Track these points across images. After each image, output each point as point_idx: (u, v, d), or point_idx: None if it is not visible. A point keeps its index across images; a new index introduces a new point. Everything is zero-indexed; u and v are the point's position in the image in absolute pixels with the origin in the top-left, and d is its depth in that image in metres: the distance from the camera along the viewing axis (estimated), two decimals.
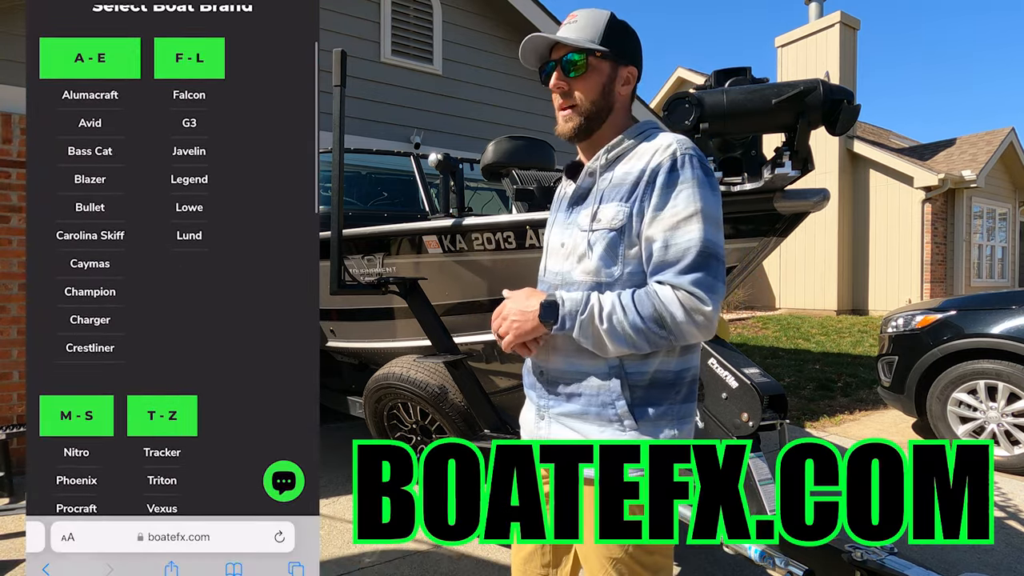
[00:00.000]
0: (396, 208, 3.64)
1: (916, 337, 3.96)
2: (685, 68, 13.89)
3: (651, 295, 1.02)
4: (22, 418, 3.48)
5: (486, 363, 2.63)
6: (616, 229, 1.08)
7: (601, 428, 1.09)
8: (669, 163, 1.05)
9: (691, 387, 1.14)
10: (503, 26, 5.98)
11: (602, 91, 1.13)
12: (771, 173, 1.49)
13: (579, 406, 1.11)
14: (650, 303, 1.01)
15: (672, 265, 1.02)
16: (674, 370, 1.10)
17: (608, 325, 1.02)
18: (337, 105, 1.96)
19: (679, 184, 1.03)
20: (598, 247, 1.09)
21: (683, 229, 1.02)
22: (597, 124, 1.15)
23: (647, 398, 1.09)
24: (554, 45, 1.15)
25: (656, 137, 1.12)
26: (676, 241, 1.02)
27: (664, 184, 1.04)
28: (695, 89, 1.48)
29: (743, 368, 2.12)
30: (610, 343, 1.04)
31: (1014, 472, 3.53)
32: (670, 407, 1.10)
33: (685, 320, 1.00)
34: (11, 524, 2.78)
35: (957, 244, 11.04)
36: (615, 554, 1.07)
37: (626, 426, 1.07)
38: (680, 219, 1.02)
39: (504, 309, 1.11)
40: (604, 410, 1.09)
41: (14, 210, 3.55)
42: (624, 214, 1.07)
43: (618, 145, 1.14)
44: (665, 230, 1.03)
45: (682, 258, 1.01)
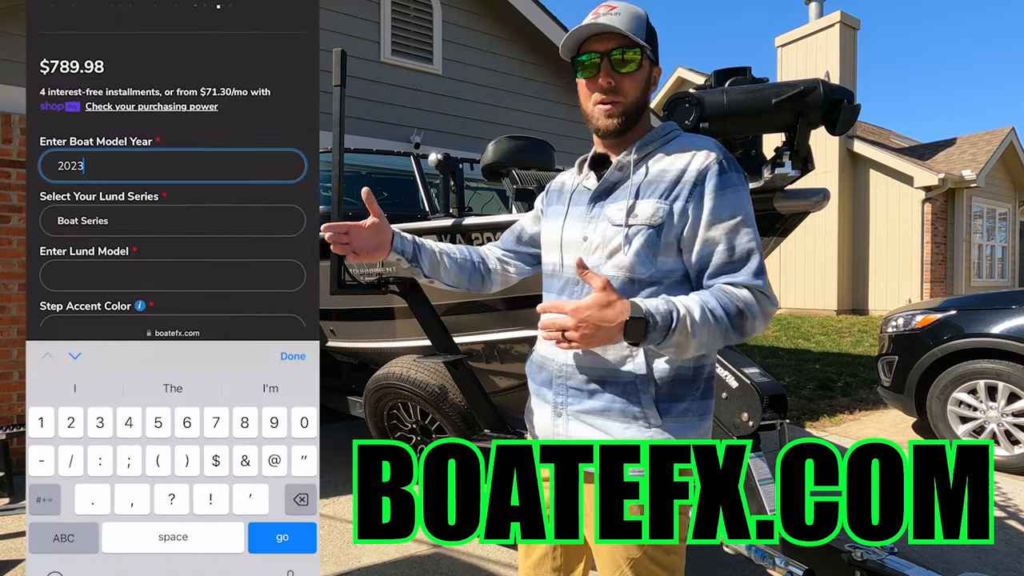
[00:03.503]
0: (396, 208, 3.64)
1: (916, 337, 3.96)
2: (685, 68, 13.89)
3: (733, 297, 1.03)
4: (22, 418, 3.48)
5: (486, 363, 2.63)
6: (655, 226, 1.07)
7: (625, 425, 1.09)
8: (718, 166, 1.07)
9: (708, 383, 1.15)
10: (503, 26, 5.98)
11: (644, 89, 1.14)
12: (771, 173, 1.49)
13: (602, 403, 1.11)
14: (735, 305, 1.02)
15: (741, 267, 1.05)
16: (693, 366, 1.11)
17: (699, 335, 1.00)
18: (337, 105, 1.96)
19: (731, 188, 1.06)
20: (636, 243, 1.08)
21: (742, 232, 1.06)
22: (636, 121, 1.15)
23: (671, 394, 1.09)
24: (596, 35, 1.10)
25: (688, 138, 1.15)
26: (739, 243, 1.05)
27: (717, 187, 1.06)
28: (695, 89, 1.48)
29: (743, 368, 2.12)
30: (694, 349, 1.03)
31: (1014, 472, 3.53)
32: (692, 403, 1.11)
33: (760, 319, 1.04)
34: (11, 524, 2.78)
35: (957, 244, 11.05)
36: (632, 554, 1.08)
37: (651, 423, 1.07)
38: (737, 222, 1.05)
39: (580, 316, 0.98)
40: (629, 407, 1.08)
41: (14, 210, 3.55)
42: (664, 211, 1.07)
43: (651, 142, 1.15)
44: (727, 232, 1.05)
45: (749, 260, 1.05)
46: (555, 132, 6.03)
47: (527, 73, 6.15)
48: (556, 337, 1.01)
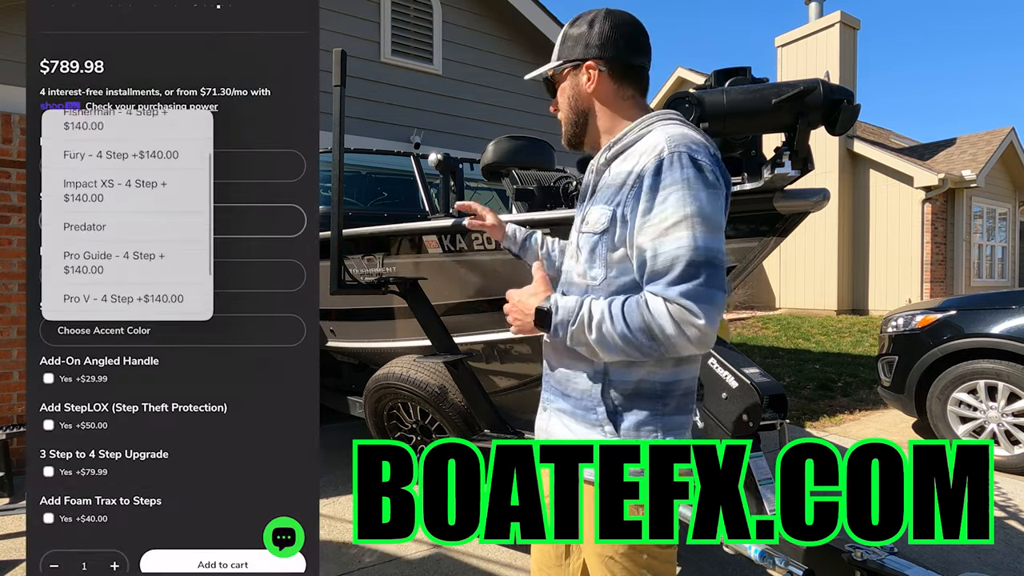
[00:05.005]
0: (396, 208, 3.64)
1: (916, 337, 3.96)
2: (685, 68, 13.88)
3: (641, 307, 0.97)
4: (22, 418, 3.48)
5: (486, 363, 2.62)
6: (598, 232, 1.06)
7: (588, 430, 1.09)
8: (655, 165, 0.98)
9: (683, 399, 1.09)
10: (503, 26, 5.98)
11: (569, 103, 1.18)
12: (771, 173, 1.49)
13: (569, 405, 1.12)
14: (639, 315, 0.96)
15: (662, 276, 0.96)
16: (662, 381, 1.06)
17: (597, 335, 0.99)
18: (337, 105, 1.96)
19: (667, 187, 0.97)
20: (584, 250, 1.09)
21: (672, 236, 0.95)
22: (582, 130, 1.19)
23: (629, 406, 1.06)
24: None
25: (654, 133, 1.05)
26: (664, 250, 0.95)
27: (650, 187, 0.98)
28: (695, 89, 1.48)
29: (743, 368, 2.12)
30: (601, 352, 1.01)
31: (1014, 472, 3.53)
32: (654, 417, 1.06)
33: (676, 334, 0.94)
34: (11, 524, 2.78)
35: (957, 244, 11.04)
36: (608, 552, 1.07)
37: (607, 432, 1.06)
38: (668, 225, 0.95)
39: (511, 300, 1.13)
40: (588, 413, 1.09)
41: (14, 210, 3.55)
42: (607, 217, 1.04)
43: (619, 141, 1.10)
44: (653, 238, 0.97)
45: (671, 268, 0.95)
46: (555, 132, 5.96)
47: (527, 73, 6.14)
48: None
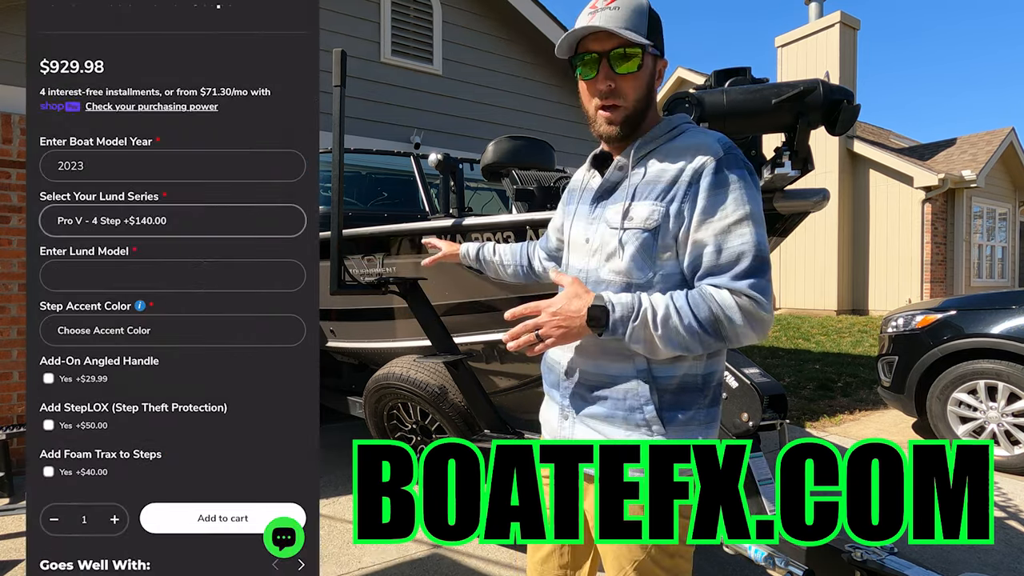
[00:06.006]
0: (396, 208, 3.64)
1: (916, 337, 3.96)
2: (685, 68, 13.88)
3: (707, 299, 0.98)
4: (22, 418, 3.48)
5: (486, 363, 2.63)
6: (650, 230, 1.03)
7: (628, 432, 1.07)
8: (714, 164, 1.01)
9: (716, 391, 1.12)
10: (503, 26, 5.98)
11: (647, 88, 1.09)
12: (771, 173, 1.48)
13: (606, 409, 1.09)
14: (707, 307, 0.97)
15: (727, 270, 0.99)
16: (702, 374, 1.08)
17: (663, 331, 0.97)
18: (337, 105, 1.96)
19: (727, 187, 1.00)
20: (630, 247, 1.05)
21: (735, 232, 0.99)
22: (639, 124, 1.10)
23: (676, 403, 1.06)
24: (592, 34, 1.05)
25: (693, 134, 1.08)
26: (729, 245, 0.99)
27: (711, 186, 1.01)
28: (695, 89, 1.48)
29: (743, 368, 2.12)
30: (663, 347, 0.99)
31: (1014, 472, 3.52)
32: (698, 411, 1.08)
33: (744, 324, 0.97)
34: (11, 524, 2.78)
35: (957, 244, 11.04)
36: (636, 556, 1.07)
37: (654, 431, 1.05)
38: (731, 222, 0.99)
39: (547, 311, 1.01)
40: (631, 415, 1.06)
41: (14, 210, 3.55)
42: (659, 214, 1.03)
43: (652, 140, 1.10)
44: (716, 234, 1.00)
45: (737, 262, 0.98)
46: (555, 132, 6.03)
47: (527, 73, 6.15)
48: (528, 341, 1.01)
